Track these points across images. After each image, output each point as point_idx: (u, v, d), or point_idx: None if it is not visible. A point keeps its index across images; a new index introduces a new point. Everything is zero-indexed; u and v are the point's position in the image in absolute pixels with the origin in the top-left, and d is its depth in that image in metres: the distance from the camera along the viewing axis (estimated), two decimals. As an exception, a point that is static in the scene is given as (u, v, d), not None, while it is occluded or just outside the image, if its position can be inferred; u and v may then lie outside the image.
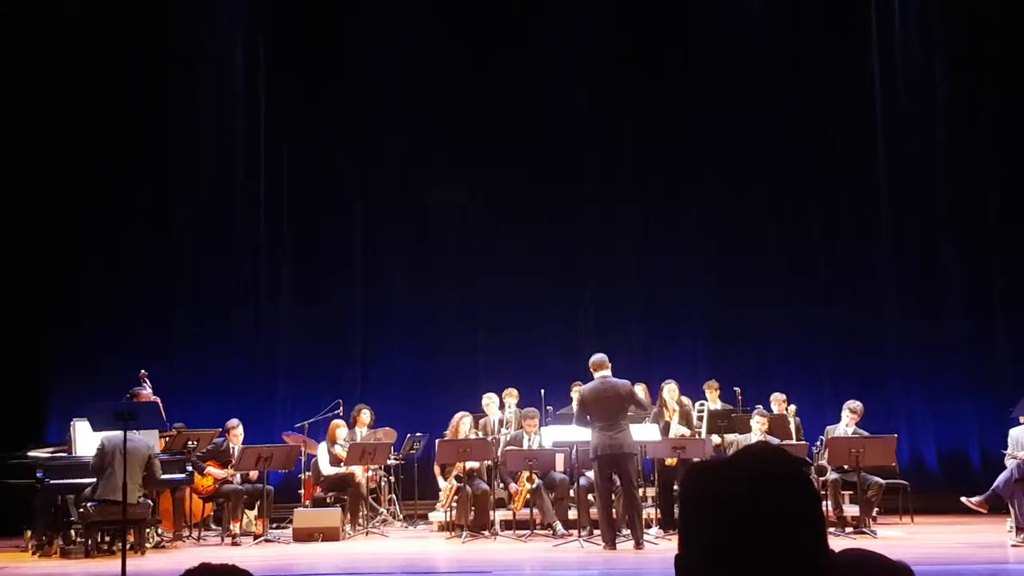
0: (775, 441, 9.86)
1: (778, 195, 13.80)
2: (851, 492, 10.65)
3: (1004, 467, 10.00)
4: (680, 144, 13.88)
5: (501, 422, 11.56)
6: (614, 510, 9.50)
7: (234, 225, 13.86)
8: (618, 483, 9.35)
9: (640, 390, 10.41)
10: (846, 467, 10.38)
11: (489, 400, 11.69)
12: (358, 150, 14.03)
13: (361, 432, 11.52)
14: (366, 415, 11.65)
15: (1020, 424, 10.09)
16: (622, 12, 13.94)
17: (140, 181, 13.54)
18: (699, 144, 13.83)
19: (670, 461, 10.19)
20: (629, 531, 9.40)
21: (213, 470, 10.72)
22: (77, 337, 13.12)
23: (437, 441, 10.68)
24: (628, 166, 14.02)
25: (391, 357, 13.78)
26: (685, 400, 11.01)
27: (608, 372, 9.36)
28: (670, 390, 10.63)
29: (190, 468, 10.44)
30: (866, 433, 10.74)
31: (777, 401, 11.70)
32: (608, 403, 9.17)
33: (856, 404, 10.91)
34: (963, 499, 10.17)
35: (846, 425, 10.86)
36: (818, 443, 11.06)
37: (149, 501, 9.65)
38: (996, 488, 9.85)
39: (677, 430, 10.52)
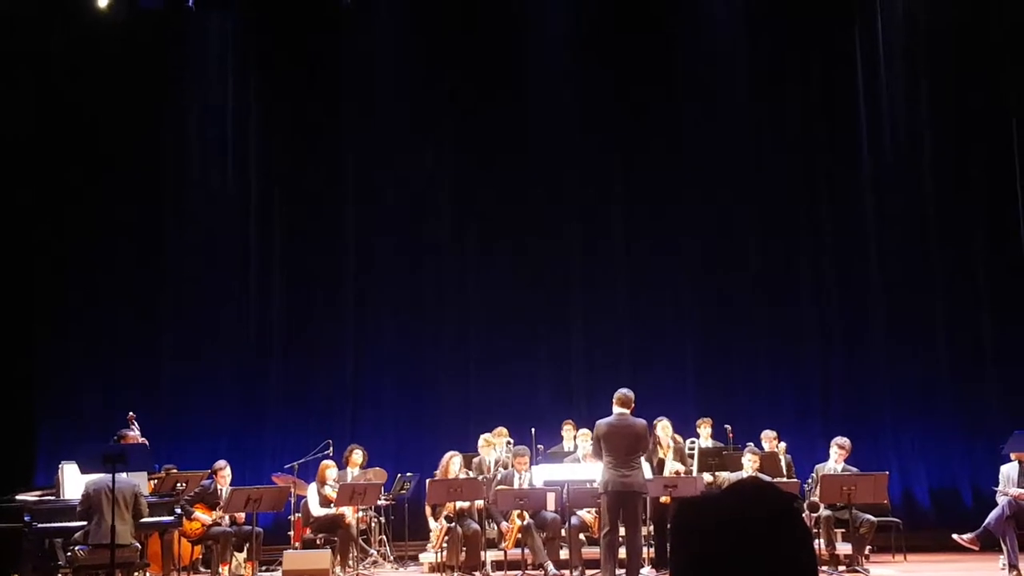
0: (766, 479, 9.83)
1: (767, 232, 13.83)
2: (843, 530, 10.62)
3: (996, 504, 9.99)
4: (668, 182, 13.93)
5: (497, 462, 11.53)
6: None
7: (223, 264, 13.84)
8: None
9: (662, 427, 10.42)
10: (838, 504, 10.36)
11: (485, 440, 11.69)
12: (348, 190, 14.06)
13: (352, 472, 11.46)
14: (358, 455, 11.60)
15: (1011, 461, 10.10)
16: (609, 44, 14.02)
17: (128, 221, 13.55)
18: (687, 183, 13.89)
19: (664, 499, 10.15)
20: (625, 570, 9.33)
21: (200, 515, 10.63)
22: (64, 379, 13.06)
23: (428, 481, 10.64)
24: (616, 205, 14.06)
25: (381, 397, 13.74)
26: (678, 437, 11.00)
27: (627, 411, 9.29)
28: (663, 427, 10.62)
29: (179, 510, 10.36)
30: (855, 469, 10.73)
31: (768, 438, 11.70)
32: (621, 440, 9.12)
33: (844, 440, 10.93)
34: (955, 536, 10.14)
35: (835, 462, 10.86)
36: (809, 481, 11.04)
37: (138, 544, 9.57)
38: (988, 525, 9.83)
39: (672, 467, 10.49)
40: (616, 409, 9.31)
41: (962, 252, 13.39)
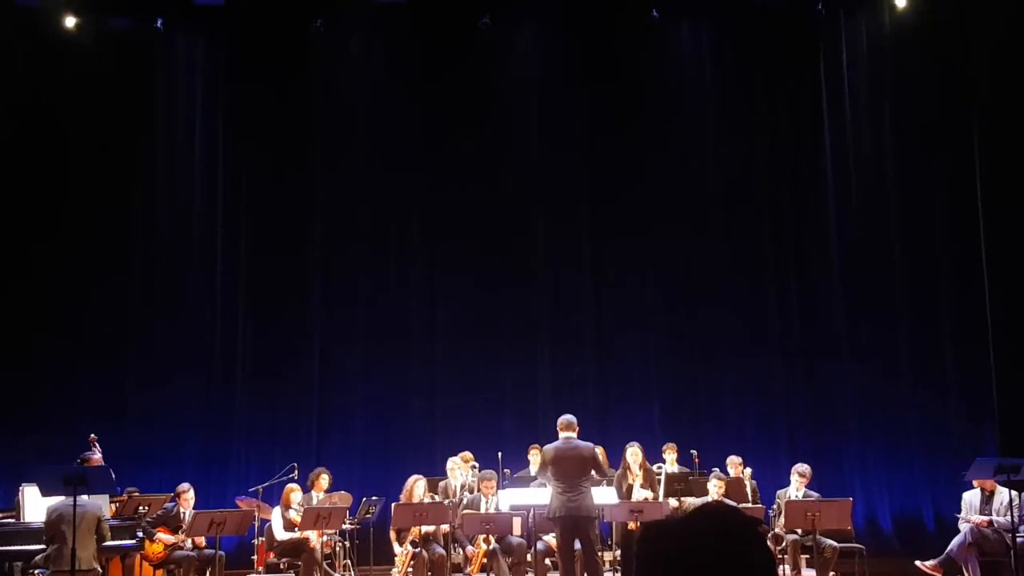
0: (731, 503, 9.84)
1: (734, 261, 13.93)
2: (807, 556, 10.65)
3: (958, 531, 10.08)
4: (634, 210, 14.02)
5: (463, 486, 11.50)
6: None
7: (189, 286, 13.77)
8: (578, 546, 9.29)
9: (632, 453, 10.39)
10: (799, 531, 10.40)
11: (453, 464, 11.68)
12: (316, 216, 14.03)
13: (318, 496, 11.38)
14: (325, 479, 11.51)
15: (973, 488, 10.19)
16: (578, 84, 14.13)
17: (95, 244, 13.47)
18: (653, 210, 13.98)
19: (632, 525, 10.12)
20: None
21: (163, 536, 10.52)
22: (26, 400, 12.90)
23: (393, 505, 10.58)
24: (582, 231, 14.12)
25: (347, 420, 13.68)
26: (647, 465, 10.96)
27: (573, 434, 9.29)
28: (633, 453, 10.51)
29: (140, 534, 10.23)
30: (815, 495, 10.78)
31: (733, 464, 11.74)
32: (569, 465, 9.11)
33: (804, 468, 10.98)
34: (918, 563, 10.21)
35: (796, 489, 10.91)
36: (774, 507, 11.08)
37: (99, 568, 9.44)
38: (950, 552, 9.91)
39: (640, 494, 10.39)
40: (562, 434, 9.31)
41: (926, 283, 13.52)
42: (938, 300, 13.46)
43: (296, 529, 10.70)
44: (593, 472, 9.31)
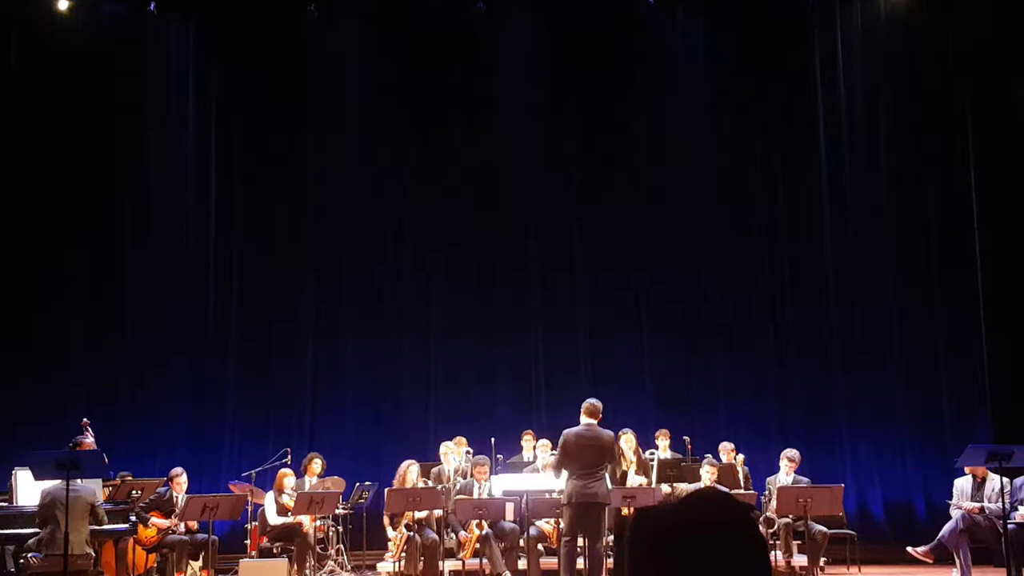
0: (724, 490, 9.86)
1: (726, 254, 13.92)
2: (799, 542, 10.70)
3: (949, 517, 10.11)
4: (628, 200, 14.02)
5: (456, 471, 11.51)
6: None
7: (182, 271, 13.75)
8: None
9: (626, 439, 10.36)
10: (791, 517, 10.43)
11: (447, 449, 11.68)
12: (310, 204, 14.00)
13: (311, 481, 11.39)
14: (317, 464, 11.52)
15: (965, 474, 10.22)
16: (571, 75, 14.10)
17: (86, 230, 13.43)
18: (647, 200, 13.99)
19: (625, 511, 10.12)
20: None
21: (156, 520, 10.52)
22: (18, 385, 12.89)
23: (386, 490, 10.59)
24: (575, 221, 14.12)
25: (340, 405, 13.68)
26: (641, 451, 10.98)
27: (595, 421, 9.22)
28: (627, 439, 10.52)
29: (133, 518, 10.24)
30: (805, 480, 10.82)
31: (726, 450, 11.79)
32: (588, 452, 9.05)
33: (793, 452, 11.03)
34: (909, 549, 10.24)
35: (785, 474, 10.95)
36: (765, 493, 11.11)
37: (92, 552, 9.45)
38: (941, 538, 9.94)
39: (634, 481, 10.40)
40: (584, 419, 9.24)
41: (918, 272, 13.52)
42: (930, 289, 13.46)
43: (289, 514, 10.71)
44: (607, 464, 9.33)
